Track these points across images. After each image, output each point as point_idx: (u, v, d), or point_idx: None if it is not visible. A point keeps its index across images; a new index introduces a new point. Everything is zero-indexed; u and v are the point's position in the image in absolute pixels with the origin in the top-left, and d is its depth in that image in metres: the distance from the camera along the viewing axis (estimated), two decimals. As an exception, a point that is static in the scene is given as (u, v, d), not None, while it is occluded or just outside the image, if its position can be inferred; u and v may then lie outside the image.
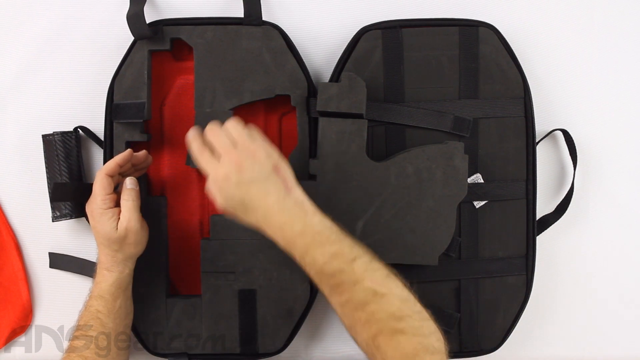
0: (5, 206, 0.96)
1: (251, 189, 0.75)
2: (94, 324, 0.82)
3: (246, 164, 0.75)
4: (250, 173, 0.75)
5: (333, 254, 0.74)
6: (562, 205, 0.94)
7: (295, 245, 0.76)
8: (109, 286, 0.84)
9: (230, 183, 0.75)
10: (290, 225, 0.75)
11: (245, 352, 0.91)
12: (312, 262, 0.75)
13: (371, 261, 0.75)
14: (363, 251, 0.76)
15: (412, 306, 0.72)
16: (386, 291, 0.72)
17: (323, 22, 0.94)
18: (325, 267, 0.74)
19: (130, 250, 0.84)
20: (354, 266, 0.73)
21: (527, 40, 0.94)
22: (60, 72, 0.95)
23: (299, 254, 0.76)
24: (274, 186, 0.76)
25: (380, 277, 0.74)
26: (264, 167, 0.76)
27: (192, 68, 0.90)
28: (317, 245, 0.75)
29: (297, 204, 0.76)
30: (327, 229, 0.76)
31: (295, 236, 0.75)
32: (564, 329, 0.97)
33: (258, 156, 0.76)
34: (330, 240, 0.75)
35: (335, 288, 0.74)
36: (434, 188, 0.85)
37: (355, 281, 0.73)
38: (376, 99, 0.89)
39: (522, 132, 0.90)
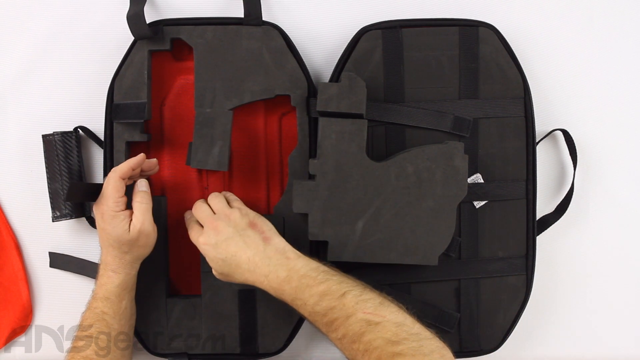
0: (5, 206, 0.96)
1: (229, 246, 0.81)
2: (98, 325, 0.82)
3: (221, 225, 0.82)
4: (226, 232, 0.82)
5: (322, 294, 0.76)
6: (562, 205, 0.94)
7: (284, 291, 0.78)
8: (115, 288, 0.84)
9: (210, 246, 0.82)
10: (275, 274, 0.79)
11: (245, 352, 0.91)
12: (303, 305, 0.77)
13: (362, 293, 0.76)
14: (353, 284, 0.78)
15: (409, 329, 0.73)
16: (380, 319, 0.73)
17: (323, 22, 0.94)
18: (316, 308, 0.76)
19: (139, 252, 0.84)
20: (345, 301, 0.75)
21: (527, 40, 0.94)
22: (60, 72, 0.95)
23: (289, 299, 0.79)
24: (251, 239, 0.82)
25: (373, 306, 0.75)
26: (239, 224, 0.82)
27: (192, 68, 0.90)
28: (304, 288, 0.77)
29: (278, 252, 0.81)
30: (312, 270, 0.79)
31: (282, 283, 0.78)
32: (564, 329, 0.97)
33: (233, 217, 0.83)
34: (317, 280, 0.78)
35: (329, 325, 0.75)
36: (434, 188, 0.85)
37: (348, 315, 0.74)
38: (376, 99, 0.89)
39: (522, 132, 0.90)
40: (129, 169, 0.83)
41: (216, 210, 0.84)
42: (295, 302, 0.78)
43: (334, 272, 0.79)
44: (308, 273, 0.78)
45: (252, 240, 0.81)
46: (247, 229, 0.82)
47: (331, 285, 0.77)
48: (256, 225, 0.83)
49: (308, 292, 0.77)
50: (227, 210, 0.84)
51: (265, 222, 0.84)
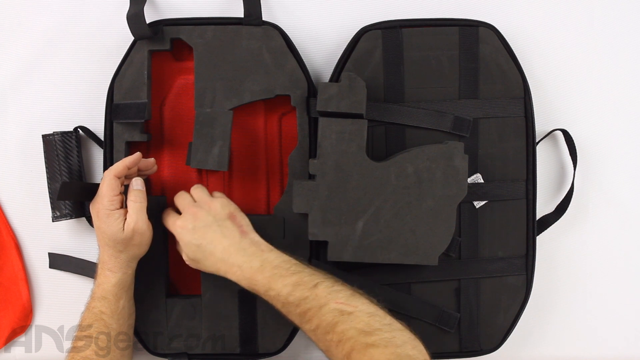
0: (5, 206, 0.96)
1: (207, 233, 0.82)
2: (97, 325, 0.82)
3: (201, 213, 0.83)
4: (205, 220, 0.82)
5: (294, 284, 0.77)
6: (562, 205, 0.94)
7: (257, 281, 0.79)
8: (112, 287, 0.84)
9: (187, 230, 0.83)
10: (249, 263, 0.80)
11: (245, 352, 0.91)
12: (276, 295, 0.78)
13: (334, 284, 0.77)
14: (324, 276, 0.79)
15: (381, 319, 0.73)
16: (352, 309, 0.74)
17: (323, 22, 0.94)
18: (289, 298, 0.77)
19: (134, 251, 0.84)
20: (317, 291, 0.76)
21: (527, 40, 0.94)
22: (60, 72, 0.95)
23: (262, 290, 0.79)
24: (229, 230, 0.83)
25: (345, 296, 0.76)
26: (219, 214, 0.83)
27: (192, 68, 0.90)
28: (277, 278, 0.78)
29: (253, 244, 0.82)
30: (284, 262, 0.80)
31: (255, 273, 0.79)
32: (564, 329, 0.97)
33: (213, 207, 0.84)
34: (290, 271, 0.79)
35: (303, 316, 0.76)
36: (434, 188, 0.85)
37: (321, 305, 0.75)
38: (376, 99, 0.89)
39: (522, 132, 0.90)
40: (124, 168, 0.83)
41: (197, 199, 0.85)
42: (268, 292, 0.79)
43: (306, 265, 0.81)
44: (281, 264, 0.80)
45: (230, 231, 0.82)
46: (226, 219, 0.83)
47: (303, 277, 0.78)
48: (235, 217, 0.84)
49: (281, 282, 0.78)
50: (208, 199, 0.85)
51: (243, 217, 0.85)
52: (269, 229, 0.90)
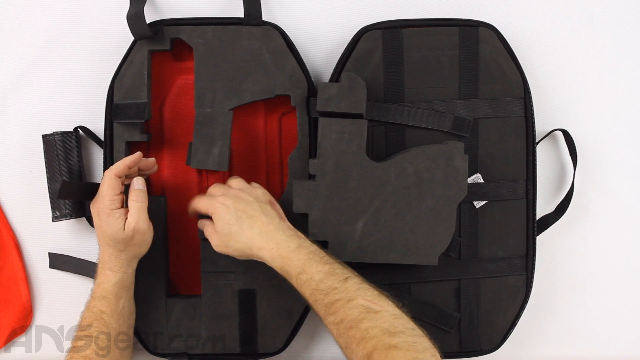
0: (5, 206, 0.96)
1: (248, 209, 0.82)
2: (97, 324, 0.82)
3: (243, 194, 0.84)
4: (247, 199, 0.83)
5: (327, 272, 0.77)
6: (562, 205, 0.94)
7: (292, 261, 0.79)
8: (112, 286, 0.84)
9: (227, 206, 0.82)
10: (287, 242, 0.80)
11: (245, 352, 0.91)
12: (308, 280, 0.78)
13: (362, 282, 0.77)
14: (354, 273, 0.79)
15: (405, 323, 0.73)
16: (379, 308, 0.74)
17: (323, 22, 0.94)
18: (320, 285, 0.77)
19: (135, 251, 0.84)
20: (347, 285, 0.76)
21: (527, 40, 0.94)
22: (60, 72, 0.95)
23: (295, 272, 0.79)
24: (269, 211, 0.83)
25: (373, 295, 0.76)
26: (261, 198, 0.85)
27: (192, 68, 0.90)
28: (312, 263, 0.78)
29: (290, 228, 0.83)
30: (319, 250, 0.80)
31: (292, 252, 0.79)
32: (564, 329, 0.97)
33: (254, 192, 0.85)
34: (324, 260, 0.79)
35: (329, 307, 0.76)
36: (434, 188, 0.85)
37: (349, 299, 0.75)
38: (376, 99, 0.89)
39: (522, 132, 0.90)
40: (125, 167, 0.83)
41: (238, 186, 0.86)
42: (300, 275, 0.78)
43: (337, 259, 0.81)
44: (315, 251, 0.80)
45: (270, 212, 0.83)
46: (267, 204, 0.84)
47: (336, 268, 0.78)
48: (275, 205, 0.86)
49: (315, 268, 0.78)
50: (249, 187, 0.86)
51: (280, 208, 0.86)
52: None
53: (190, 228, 0.94)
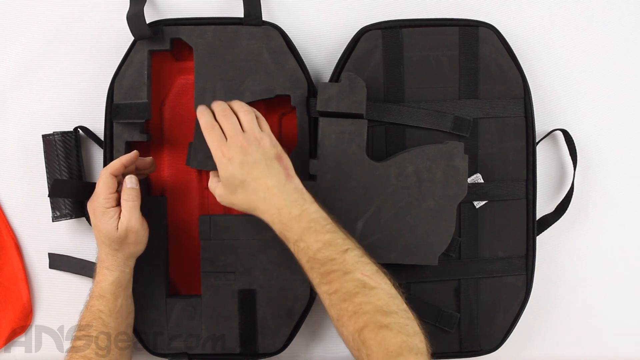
0: (5, 206, 0.96)
1: (254, 170, 0.79)
2: (95, 323, 0.82)
3: (251, 148, 0.79)
4: (255, 156, 0.79)
5: (326, 242, 0.76)
6: (562, 205, 0.94)
7: (291, 228, 0.78)
8: (110, 285, 0.84)
9: (234, 163, 0.79)
10: (289, 209, 0.78)
11: (245, 352, 0.91)
12: (305, 248, 0.77)
13: (362, 255, 0.77)
14: (355, 245, 0.78)
15: (399, 304, 0.73)
16: (375, 285, 0.73)
17: (323, 22, 0.94)
18: (317, 254, 0.76)
19: (130, 250, 0.84)
20: (346, 257, 0.75)
21: (527, 40, 0.94)
22: (60, 72, 0.95)
23: (293, 239, 0.78)
24: (276, 170, 0.80)
25: (371, 270, 0.75)
26: (268, 153, 0.80)
27: (192, 68, 0.90)
28: (312, 232, 0.77)
29: (296, 191, 0.80)
30: (322, 218, 0.78)
31: (292, 220, 0.78)
32: (564, 329, 0.97)
33: (263, 143, 0.80)
34: (325, 229, 0.77)
35: (325, 276, 0.75)
36: (434, 188, 0.85)
37: (346, 271, 0.74)
38: (376, 99, 0.89)
39: (522, 132, 0.90)
40: (121, 166, 0.83)
41: (246, 129, 0.81)
42: (298, 243, 0.77)
43: (340, 228, 0.79)
44: (319, 219, 0.78)
45: (276, 172, 0.80)
46: (274, 159, 0.80)
47: (336, 238, 0.77)
48: (282, 159, 0.81)
49: (314, 237, 0.77)
50: (258, 133, 0.81)
51: (289, 160, 0.82)
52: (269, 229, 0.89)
53: (190, 228, 0.94)
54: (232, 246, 0.89)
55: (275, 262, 0.89)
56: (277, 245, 0.89)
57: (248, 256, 0.89)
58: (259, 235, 0.90)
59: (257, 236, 0.90)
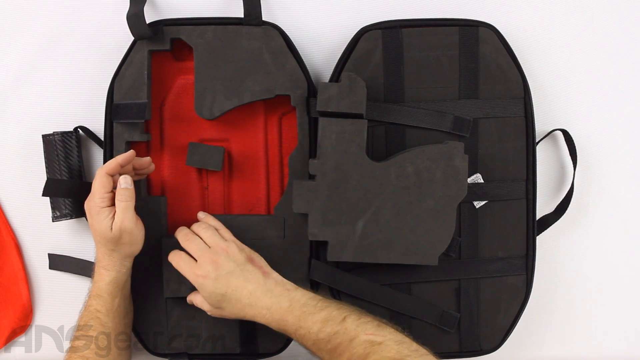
0: (5, 206, 0.96)
1: (230, 281, 0.81)
2: (93, 323, 0.82)
3: (221, 260, 0.82)
4: (227, 266, 0.82)
5: (324, 320, 0.78)
6: (562, 205, 0.94)
7: (287, 321, 0.79)
8: (107, 285, 0.84)
9: (209, 280, 0.81)
10: (278, 304, 0.80)
11: (245, 352, 0.91)
12: (306, 333, 0.78)
13: (361, 316, 0.78)
14: (351, 309, 0.79)
15: (409, 346, 0.74)
16: (382, 339, 0.74)
17: (323, 22, 0.94)
18: (320, 335, 0.77)
19: (126, 250, 0.84)
20: (346, 325, 0.77)
21: (527, 40, 0.94)
22: (60, 72, 0.95)
23: (292, 329, 0.79)
24: (252, 274, 0.82)
25: (373, 327, 0.76)
26: (238, 259, 0.83)
27: (192, 68, 0.90)
28: (307, 316, 0.78)
29: (278, 284, 0.82)
30: (311, 299, 0.80)
31: (285, 313, 0.79)
32: (564, 329, 0.97)
33: (231, 251, 0.83)
34: (318, 307, 0.79)
35: (334, 351, 0.76)
36: (434, 188, 0.85)
37: (351, 338, 0.75)
38: (376, 99, 0.89)
39: (522, 132, 0.90)
40: (117, 165, 0.83)
41: (211, 244, 0.84)
42: (298, 331, 0.79)
43: (331, 300, 0.81)
44: (308, 302, 0.80)
45: (253, 275, 0.82)
46: (246, 263, 0.83)
47: (331, 311, 0.78)
48: (253, 260, 0.84)
49: (311, 320, 0.78)
50: (222, 243, 0.84)
51: (260, 257, 0.86)
52: (269, 229, 0.90)
53: (190, 228, 0.94)
54: (232, 246, 0.89)
55: (276, 262, 0.89)
56: (277, 245, 0.89)
57: (248, 256, 0.89)
58: (259, 235, 0.90)
59: (257, 236, 0.90)
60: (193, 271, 0.82)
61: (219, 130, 0.93)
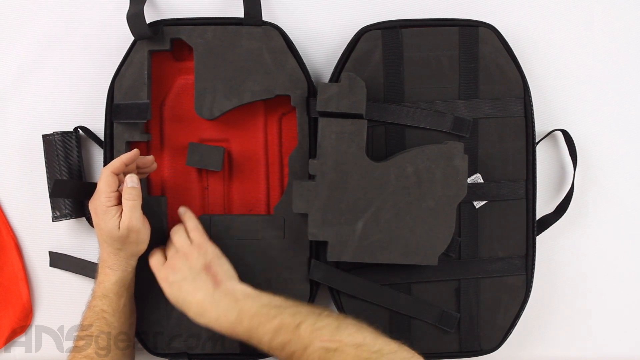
0: (5, 206, 0.96)
1: (182, 287, 0.82)
2: (98, 323, 0.82)
3: (178, 264, 0.83)
4: (182, 272, 0.83)
5: (275, 329, 0.77)
6: (562, 205, 0.94)
7: (237, 332, 0.79)
8: (113, 285, 0.84)
9: (167, 283, 0.83)
10: (225, 317, 0.79)
11: (245, 352, 0.91)
12: (259, 343, 0.78)
13: (316, 321, 0.76)
14: (307, 313, 0.78)
15: (369, 348, 0.73)
16: (337, 345, 0.73)
17: (323, 22, 0.94)
18: (272, 344, 0.77)
19: (132, 249, 0.84)
20: (300, 332, 0.75)
21: (527, 40, 0.94)
22: (60, 72, 0.95)
23: (244, 338, 0.79)
24: (203, 283, 0.82)
25: (329, 332, 0.75)
26: (194, 266, 0.83)
27: (192, 68, 0.90)
28: (256, 327, 0.78)
29: (227, 295, 0.81)
30: (263, 307, 0.79)
31: (233, 325, 0.79)
32: (564, 329, 0.97)
33: (190, 257, 0.84)
34: (269, 316, 0.78)
35: (289, 358, 0.75)
36: (434, 188, 0.85)
37: (305, 346, 0.75)
38: (376, 99, 0.89)
39: (522, 132, 0.90)
40: (122, 164, 0.83)
41: (178, 247, 0.85)
42: (251, 341, 0.79)
43: (288, 304, 0.80)
44: (259, 311, 0.79)
45: (203, 284, 0.82)
46: (200, 272, 0.83)
47: (284, 319, 0.77)
48: (210, 268, 0.83)
49: (262, 330, 0.77)
50: (186, 247, 0.85)
51: (221, 264, 0.84)
52: (269, 229, 0.90)
53: (190, 228, 0.94)
54: (232, 246, 0.89)
55: (276, 262, 0.89)
56: (277, 245, 0.89)
57: (248, 256, 0.89)
58: (259, 235, 0.90)
59: (257, 236, 0.90)
60: (157, 272, 0.85)
61: (219, 130, 0.93)
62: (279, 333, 0.76)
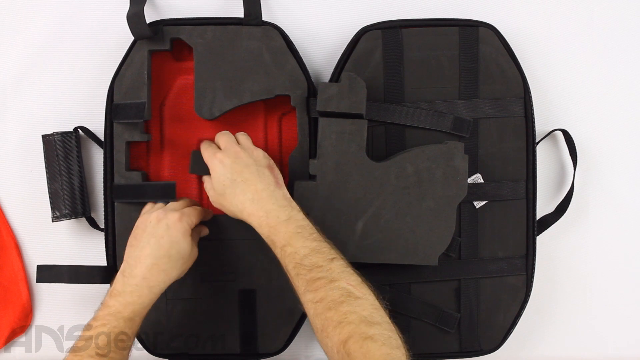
0: (5, 206, 0.96)
1: (244, 172, 0.81)
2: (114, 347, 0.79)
3: (243, 154, 0.83)
4: (246, 160, 0.82)
5: (314, 249, 0.77)
6: (562, 205, 0.94)
7: (279, 232, 0.78)
8: (144, 309, 0.81)
9: (225, 164, 0.82)
10: (277, 213, 0.79)
11: (245, 352, 0.91)
12: (293, 253, 0.77)
13: (347, 265, 0.77)
14: (340, 255, 0.78)
15: (383, 315, 0.73)
16: (360, 295, 0.73)
17: (323, 22, 0.94)
18: (305, 260, 0.76)
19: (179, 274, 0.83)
20: (332, 265, 0.75)
21: (527, 40, 0.94)
22: (60, 72, 0.95)
23: (280, 243, 0.78)
24: (266, 177, 0.82)
25: (356, 281, 0.75)
26: (260, 161, 0.83)
27: (192, 68, 0.90)
28: (299, 237, 0.78)
29: (285, 198, 0.82)
30: (309, 226, 0.79)
31: (280, 224, 0.79)
32: (564, 329, 0.97)
33: (256, 153, 0.84)
34: (312, 236, 0.78)
35: (311, 283, 0.75)
36: (434, 188, 0.85)
37: (332, 279, 0.74)
38: (376, 99, 0.89)
39: (522, 132, 0.90)
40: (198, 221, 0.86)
41: (242, 143, 0.85)
42: (285, 248, 0.78)
43: (325, 238, 0.80)
44: (305, 226, 0.79)
45: (266, 178, 0.82)
46: (265, 168, 0.83)
47: (323, 247, 0.77)
48: (273, 170, 0.84)
49: (302, 242, 0.77)
50: (252, 146, 0.85)
51: (280, 174, 0.85)
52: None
53: (190, 228, 0.94)
54: (232, 246, 0.89)
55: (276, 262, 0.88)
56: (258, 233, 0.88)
57: (248, 256, 0.89)
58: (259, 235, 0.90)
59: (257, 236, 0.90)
60: (214, 153, 0.83)
61: (219, 130, 0.92)
62: (315, 254, 0.76)
